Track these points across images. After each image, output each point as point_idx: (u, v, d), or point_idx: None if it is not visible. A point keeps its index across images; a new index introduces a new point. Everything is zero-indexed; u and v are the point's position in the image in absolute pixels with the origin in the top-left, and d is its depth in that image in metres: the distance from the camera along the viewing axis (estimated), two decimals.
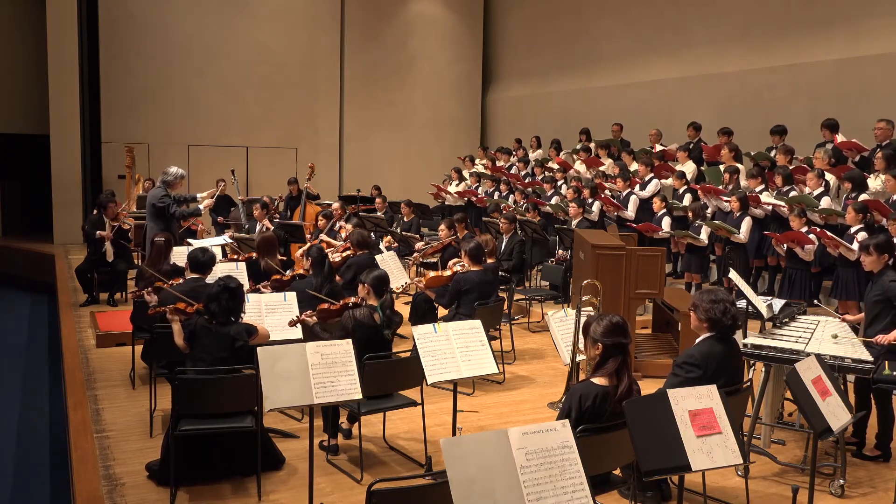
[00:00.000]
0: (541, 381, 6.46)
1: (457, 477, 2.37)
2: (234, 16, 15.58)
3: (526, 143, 14.06)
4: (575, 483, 2.53)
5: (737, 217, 8.29)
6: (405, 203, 11.34)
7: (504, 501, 2.41)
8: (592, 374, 3.55)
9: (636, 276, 6.39)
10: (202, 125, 15.49)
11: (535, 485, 2.47)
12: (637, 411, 2.90)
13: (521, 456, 2.49)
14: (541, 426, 2.59)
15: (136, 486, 4.25)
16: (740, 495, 4.20)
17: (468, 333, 4.41)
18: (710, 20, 12.20)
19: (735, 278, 5.26)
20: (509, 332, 7.29)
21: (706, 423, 2.92)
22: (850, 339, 4.73)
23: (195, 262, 5.64)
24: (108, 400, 5.67)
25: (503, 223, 9.04)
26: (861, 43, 9.89)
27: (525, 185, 12.10)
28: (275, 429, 4.99)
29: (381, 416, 5.05)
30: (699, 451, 2.86)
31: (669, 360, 6.11)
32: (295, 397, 3.70)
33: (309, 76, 16.44)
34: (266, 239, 7.15)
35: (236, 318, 4.55)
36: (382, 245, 9.87)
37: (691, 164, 10.22)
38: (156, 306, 5.07)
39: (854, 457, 4.84)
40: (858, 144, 8.27)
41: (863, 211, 6.91)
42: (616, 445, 3.34)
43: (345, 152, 17.09)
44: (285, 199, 12.52)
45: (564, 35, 15.50)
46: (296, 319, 5.14)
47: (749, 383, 4.25)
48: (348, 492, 4.27)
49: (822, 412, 3.49)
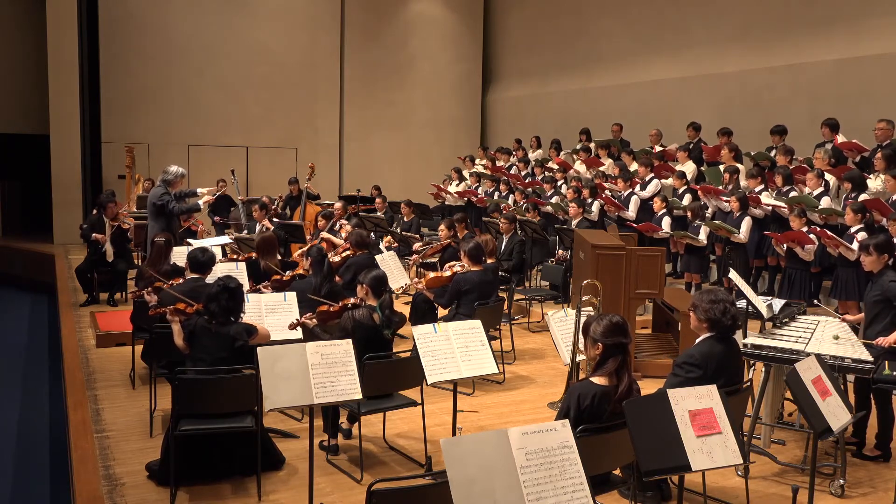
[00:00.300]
0: (541, 381, 6.46)
1: (457, 477, 2.37)
2: (234, 16, 15.58)
3: (526, 143, 14.06)
4: (575, 483, 2.53)
5: (737, 217, 8.29)
6: (405, 203, 11.34)
7: (504, 501, 2.41)
8: (592, 374, 3.55)
9: (636, 276, 6.39)
10: (202, 125, 15.49)
11: (535, 485, 2.47)
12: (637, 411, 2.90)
13: (521, 456, 2.49)
14: (541, 426, 2.59)
15: (136, 486, 4.25)
16: (740, 495, 4.20)
17: (468, 333, 4.41)
18: (710, 20, 12.20)
19: (735, 278, 5.26)
20: (509, 332, 7.28)
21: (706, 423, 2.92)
22: (850, 340, 4.73)
23: (195, 262, 5.64)
24: (108, 400, 5.67)
25: (503, 223, 9.04)
26: (861, 43, 9.89)
27: (525, 185, 12.10)
28: (275, 429, 4.99)
29: (381, 416, 5.05)
30: (699, 451, 2.86)
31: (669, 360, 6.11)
32: (295, 397, 3.70)
33: (309, 76, 16.44)
34: (265, 239, 7.15)
35: (236, 318, 4.55)
36: (382, 245, 9.87)
37: (691, 165, 10.22)
38: (156, 306, 5.07)
39: (854, 457, 4.84)
40: (859, 145, 8.27)
41: (861, 211, 6.91)
42: (616, 445, 3.34)
43: (345, 152, 17.09)
44: (285, 199, 12.52)
45: (564, 35, 15.50)
46: (296, 322, 5.14)
47: (749, 383, 4.25)
48: (348, 492, 4.27)
49: (822, 412, 3.49)
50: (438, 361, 4.21)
